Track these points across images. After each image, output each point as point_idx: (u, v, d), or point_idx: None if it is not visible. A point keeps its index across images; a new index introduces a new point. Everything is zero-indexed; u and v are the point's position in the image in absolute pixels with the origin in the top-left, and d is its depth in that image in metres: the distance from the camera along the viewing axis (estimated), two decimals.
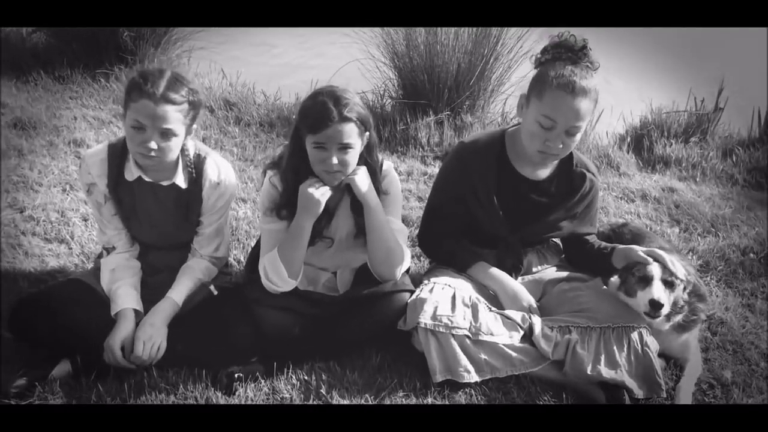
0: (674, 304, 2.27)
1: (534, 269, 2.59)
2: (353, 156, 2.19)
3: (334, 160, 2.14)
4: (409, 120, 4.24)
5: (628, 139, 4.45)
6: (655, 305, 2.21)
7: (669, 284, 2.26)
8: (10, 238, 2.82)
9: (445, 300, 2.27)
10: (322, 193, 2.17)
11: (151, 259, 2.46)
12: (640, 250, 2.34)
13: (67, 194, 3.21)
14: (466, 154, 2.45)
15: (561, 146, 2.27)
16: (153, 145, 2.15)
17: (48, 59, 4.81)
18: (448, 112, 4.31)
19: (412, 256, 2.99)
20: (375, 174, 2.29)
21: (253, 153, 3.91)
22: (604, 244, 2.55)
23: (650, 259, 2.29)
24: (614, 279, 2.38)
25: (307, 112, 2.17)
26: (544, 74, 2.25)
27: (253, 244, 2.90)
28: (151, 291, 2.38)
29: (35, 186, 3.23)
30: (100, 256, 2.46)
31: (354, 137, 2.16)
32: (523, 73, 4.31)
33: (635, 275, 2.29)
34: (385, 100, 4.60)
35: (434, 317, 2.21)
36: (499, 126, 4.39)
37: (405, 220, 3.27)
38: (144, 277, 2.42)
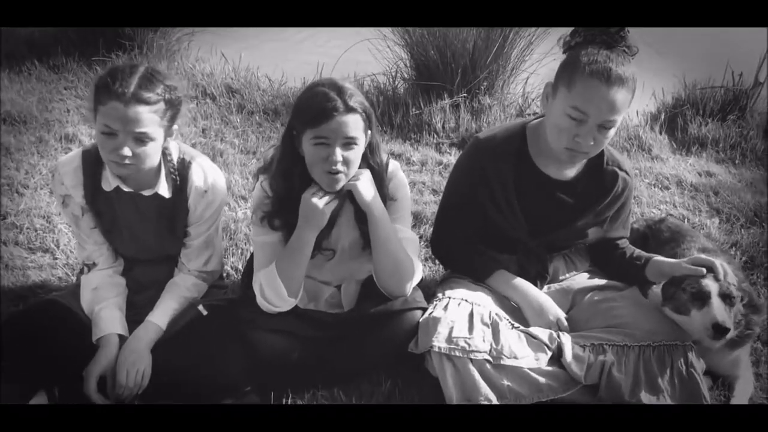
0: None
1: (561, 277, 2.31)
2: (357, 154, 1.93)
3: (338, 157, 1.88)
4: (422, 104, 3.94)
5: (661, 118, 4.10)
6: (721, 330, 1.92)
7: (727, 298, 1.98)
8: None
9: (462, 319, 2.01)
10: (326, 203, 1.92)
11: (137, 274, 2.23)
12: (682, 262, 2.05)
13: (54, 197, 2.98)
14: (481, 151, 2.17)
15: (592, 143, 1.98)
16: (126, 151, 1.90)
17: (44, 47, 4.57)
18: (465, 95, 4.00)
19: (427, 259, 2.74)
20: (380, 178, 2.03)
21: (256, 144, 3.66)
22: (636, 252, 2.27)
23: (702, 270, 2.00)
24: (656, 289, 2.11)
25: (305, 105, 1.91)
26: (574, 60, 1.95)
27: (251, 249, 2.67)
28: (138, 310, 2.16)
29: (20, 189, 3.01)
30: (81, 272, 2.24)
31: (359, 131, 1.91)
32: (546, 48, 4.02)
33: (687, 290, 2.00)
34: (397, 83, 4.31)
35: (449, 339, 1.95)
36: (520, 108, 4.10)
37: (419, 217, 3.02)
38: (129, 295, 2.19)
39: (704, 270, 2.00)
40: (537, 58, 4.23)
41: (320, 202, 1.91)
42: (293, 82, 4.40)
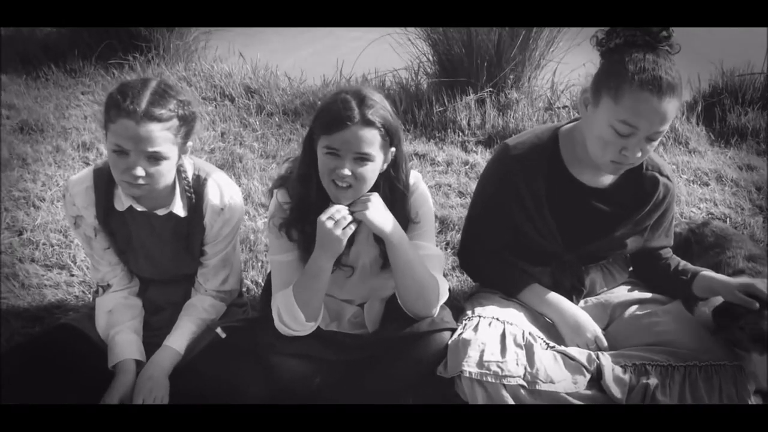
0: None
1: (599, 290, 2.18)
2: (371, 172, 1.80)
3: (346, 171, 1.76)
4: (446, 100, 3.81)
5: (698, 108, 3.91)
6: None
7: None
8: (6, 267, 2.55)
9: (494, 340, 1.89)
10: (343, 229, 1.79)
11: (152, 295, 2.15)
12: (734, 286, 1.90)
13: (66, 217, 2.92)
14: (510, 158, 2.04)
15: (640, 154, 1.84)
16: (140, 171, 1.81)
17: (60, 52, 4.52)
18: (491, 89, 3.86)
19: (453, 268, 2.62)
20: (402, 200, 1.91)
21: (276, 147, 3.56)
22: (682, 263, 2.13)
23: (755, 304, 1.85)
24: (703, 308, 1.97)
25: (325, 109, 1.80)
26: (618, 68, 1.80)
27: (270, 270, 2.57)
28: (154, 332, 2.09)
29: (37, 202, 2.95)
30: (96, 293, 2.16)
31: (375, 148, 1.78)
32: (573, 35, 3.87)
33: (745, 330, 1.86)
34: (420, 78, 4.17)
35: (481, 363, 1.83)
36: (549, 101, 3.95)
37: (445, 222, 2.91)
38: (145, 316, 2.12)
39: (757, 304, 1.85)
40: (564, 46, 4.07)
41: (336, 228, 1.79)
42: (312, 81, 4.31)
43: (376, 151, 1.78)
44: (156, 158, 1.82)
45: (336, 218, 1.79)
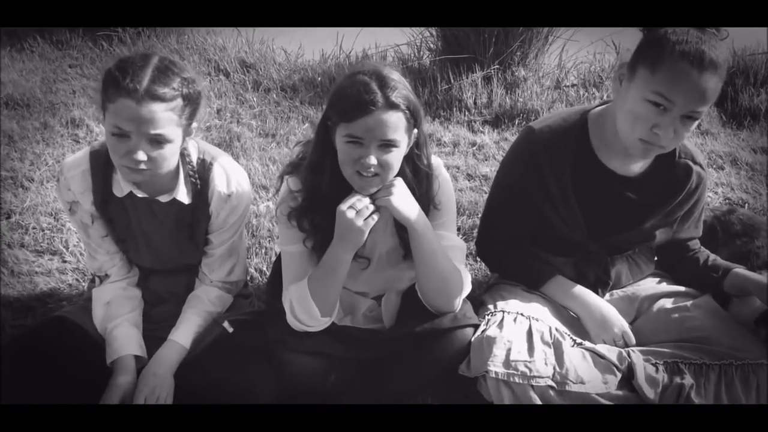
0: None
1: (625, 282, 2.08)
2: (397, 157, 1.68)
3: (372, 160, 1.63)
4: (452, 78, 3.67)
5: None
6: None
7: None
8: None
9: (520, 338, 1.79)
10: (365, 220, 1.66)
11: (153, 285, 2.02)
12: None
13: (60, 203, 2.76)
14: (535, 143, 1.92)
15: (672, 135, 1.72)
16: (141, 155, 1.66)
17: None
18: (497, 66, 3.72)
19: (467, 255, 2.50)
20: (428, 183, 1.79)
21: (275, 125, 3.41)
22: (711, 257, 2.04)
23: None
24: (739, 305, 1.87)
25: (341, 94, 1.64)
26: (660, 39, 1.68)
27: (277, 249, 2.45)
28: (155, 325, 1.96)
29: (25, 182, 2.79)
30: (92, 282, 2.03)
31: (401, 132, 1.65)
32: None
33: None
34: (422, 54, 4.02)
35: (507, 363, 1.73)
36: (557, 80, 3.82)
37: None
38: (145, 308, 1.99)
39: None
40: None
41: (358, 218, 1.66)
42: (311, 55, 4.15)
43: (402, 135, 1.65)
44: (159, 141, 1.68)
45: (357, 207, 1.66)
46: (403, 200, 1.69)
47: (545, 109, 3.50)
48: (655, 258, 2.17)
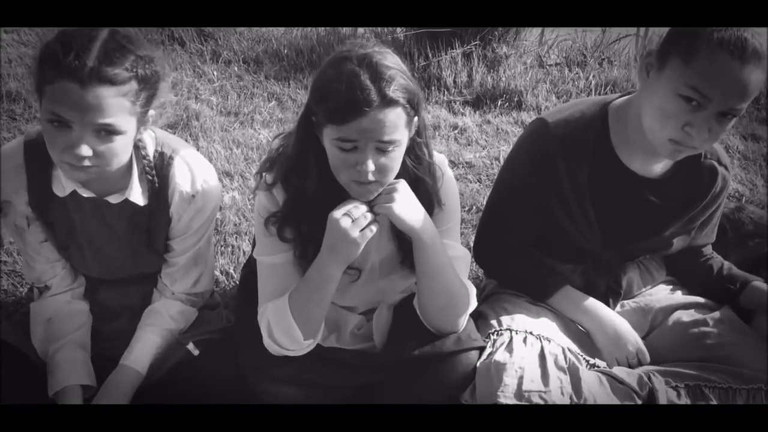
0: None
1: (636, 291, 1.88)
2: (397, 158, 1.43)
3: (370, 166, 1.37)
4: (430, 54, 3.40)
5: None
6: None
7: None
8: None
9: (532, 363, 1.57)
10: (361, 231, 1.41)
11: (103, 297, 1.74)
12: None
13: None
14: (550, 137, 1.68)
15: (707, 135, 1.51)
16: (85, 150, 1.37)
17: None
18: (477, 42, 3.47)
19: None
20: (432, 173, 1.55)
21: (237, 103, 3.10)
22: (726, 266, 1.87)
23: None
24: (761, 323, 1.71)
25: (327, 89, 1.36)
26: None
27: (246, 248, 2.17)
28: (106, 343, 1.69)
29: None
30: (31, 292, 1.74)
31: (401, 130, 1.39)
32: None
33: None
34: (397, 28, 3.74)
35: (520, 394, 1.51)
36: (540, 58, 3.59)
37: None
38: (95, 324, 1.71)
39: None
40: None
41: (354, 228, 1.41)
42: None
43: (402, 132, 1.39)
44: (108, 132, 1.38)
45: (354, 216, 1.41)
46: (407, 207, 1.44)
47: (529, 90, 3.28)
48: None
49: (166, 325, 1.66)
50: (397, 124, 1.37)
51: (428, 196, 1.55)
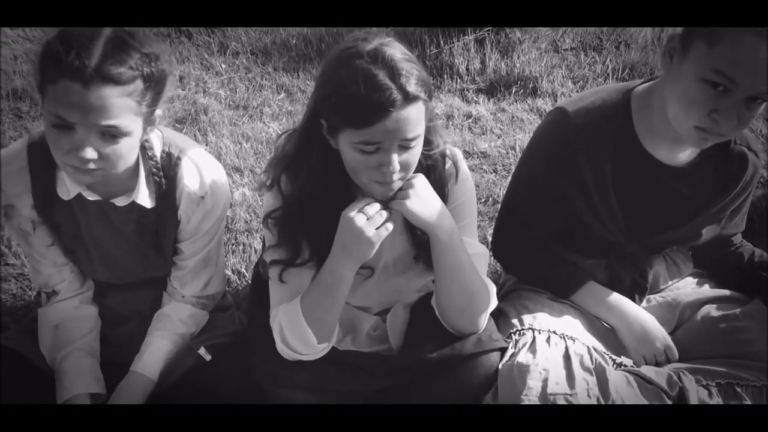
0: None
1: (662, 285, 1.82)
2: (418, 151, 1.37)
3: (396, 166, 1.32)
4: (442, 41, 3.32)
5: None
6: None
7: None
8: None
9: (557, 365, 1.51)
10: (377, 229, 1.35)
11: (112, 302, 1.69)
12: None
13: None
14: (570, 127, 1.61)
15: (735, 122, 1.43)
16: (90, 153, 1.32)
17: None
18: (490, 28, 3.39)
19: None
20: (446, 173, 1.49)
21: (246, 96, 3.04)
22: (758, 253, 1.79)
23: None
24: None
25: (342, 93, 1.28)
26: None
27: (257, 246, 2.12)
28: (115, 349, 1.65)
29: None
30: (39, 296, 1.69)
31: (422, 123, 1.33)
32: None
33: None
34: None
35: (545, 396, 1.45)
36: (555, 43, 3.50)
37: None
38: (103, 328, 1.67)
39: None
40: None
41: (369, 226, 1.35)
42: None
43: (423, 125, 1.34)
44: (112, 134, 1.33)
45: (369, 214, 1.35)
46: (422, 203, 1.39)
47: (544, 76, 3.20)
48: (690, 253, 1.91)
49: (177, 330, 1.61)
50: (419, 119, 1.32)
51: (441, 179, 1.49)
